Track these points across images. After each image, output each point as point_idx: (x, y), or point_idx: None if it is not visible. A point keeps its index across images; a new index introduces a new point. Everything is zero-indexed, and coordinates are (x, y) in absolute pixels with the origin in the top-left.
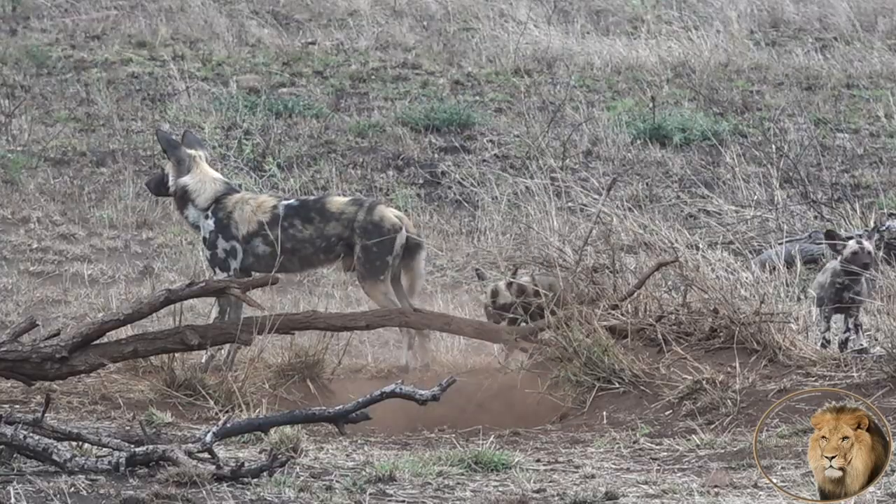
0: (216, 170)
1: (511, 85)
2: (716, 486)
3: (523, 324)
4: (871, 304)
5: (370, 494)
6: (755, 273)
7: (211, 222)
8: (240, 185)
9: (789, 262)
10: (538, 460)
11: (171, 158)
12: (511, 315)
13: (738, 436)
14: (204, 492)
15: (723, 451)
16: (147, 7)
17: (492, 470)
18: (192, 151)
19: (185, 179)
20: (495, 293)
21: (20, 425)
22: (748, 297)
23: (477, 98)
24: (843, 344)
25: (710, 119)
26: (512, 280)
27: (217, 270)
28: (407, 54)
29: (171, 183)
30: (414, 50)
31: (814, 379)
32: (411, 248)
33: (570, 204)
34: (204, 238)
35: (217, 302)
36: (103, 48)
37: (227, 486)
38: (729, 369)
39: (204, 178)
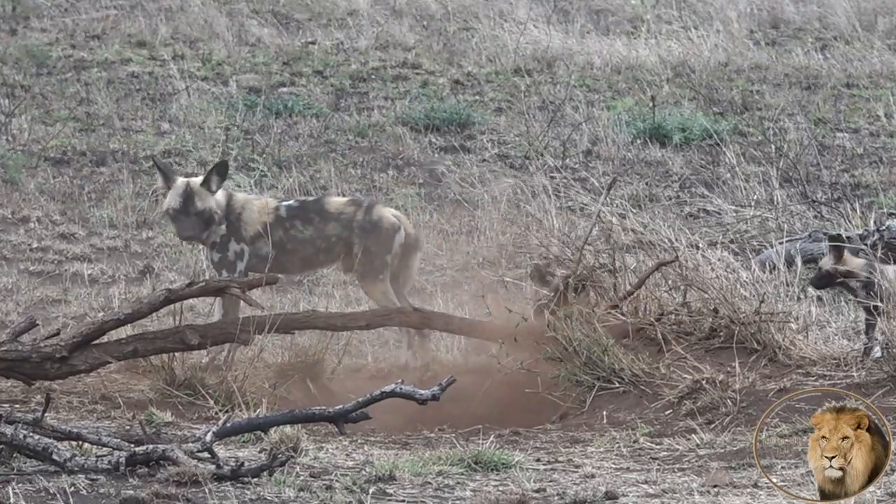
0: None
1: (511, 84)
2: (716, 486)
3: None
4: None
5: (370, 494)
6: (755, 273)
7: (223, 227)
8: (238, 185)
9: (789, 262)
10: (538, 460)
11: (219, 188)
12: None
13: (738, 435)
14: (204, 491)
15: (723, 450)
16: (147, 7)
17: (492, 470)
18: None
19: (218, 199)
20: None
21: (20, 425)
22: (748, 297)
23: (477, 98)
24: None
25: (709, 119)
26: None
27: (224, 272)
28: (407, 54)
29: (216, 211)
30: (414, 50)
31: (814, 379)
32: (409, 248)
33: (570, 204)
34: (213, 242)
35: (220, 302)
36: (103, 48)
37: (227, 486)
38: (729, 369)
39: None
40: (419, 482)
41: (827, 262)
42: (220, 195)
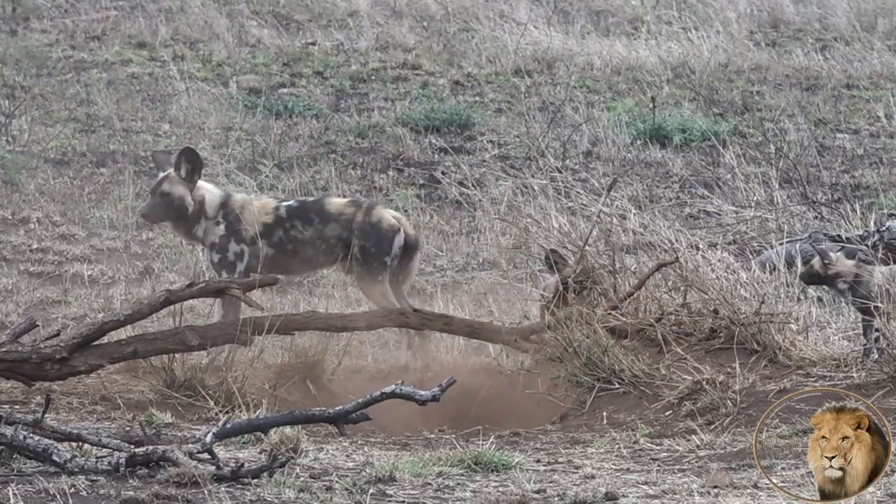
0: (207, 174)
1: (511, 85)
2: (716, 487)
3: None
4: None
5: (370, 495)
6: (755, 273)
7: (222, 227)
8: (244, 188)
9: (789, 263)
10: (538, 460)
11: (197, 178)
12: None
13: (738, 436)
14: (204, 492)
15: (723, 451)
16: (147, 7)
17: (492, 470)
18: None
19: (201, 194)
20: None
21: (20, 426)
22: (748, 298)
23: (477, 98)
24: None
25: (710, 119)
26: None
27: (224, 273)
28: (407, 55)
29: (190, 202)
30: (414, 50)
31: (814, 379)
32: (409, 249)
33: (570, 204)
34: (212, 243)
35: (220, 303)
36: (103, 48)
37: (227, 487)
38: (729, 370)
39: (207, 188)
40: (419, 483)
41: (817, 262)
42: (215, 193)
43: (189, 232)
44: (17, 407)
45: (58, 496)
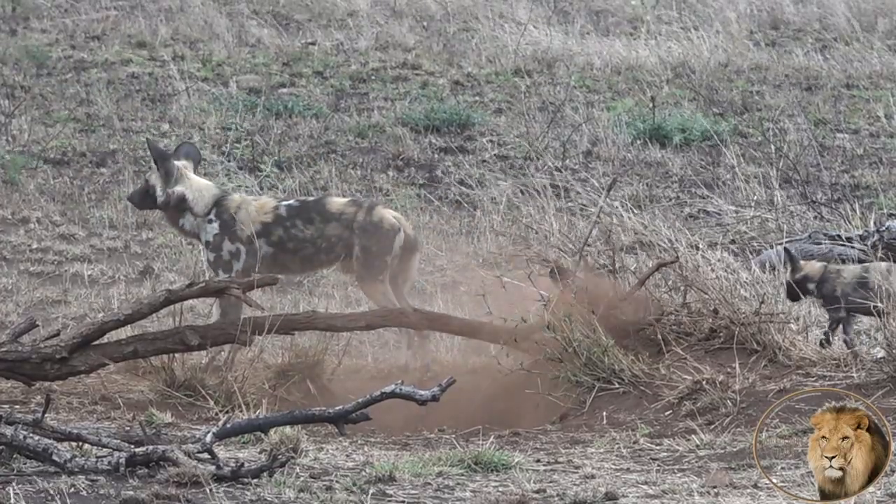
0: (207, 174)
1: (511, 85)
2: (716, 487)
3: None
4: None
5: (370, 495)
6: (755, 273)
7: (216, 225)
8: (242, 187)
9: None
10: (538, 460)
11: (161, 170)
12: None
13: (738, 436)
14: (204, 492)
15: (723, 451)
16: (147, 7)
17: (492, 470)
18: (179, 162)
19: (181, 189)
20: None
21: (20, 426)
22: (748, 298)
23: (477, 98)
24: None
25: (709, 119)
26: None
27: (220, 272)
28: (407, 54)
29: (160, 194)
30: (414, 50)
31: (814, 379)
32: (408, 249)
33: (570, 204)
34: (207, 242)
35: (218, 303)
36: (103, 48)
37: (227, 487)
38: (729, 370)
39: (198, 185)
40: (419, 483)
41: (787, 273)
42: (206, 192)
43: (176, 224)
44: (17, 407)
45: (58, 496)
